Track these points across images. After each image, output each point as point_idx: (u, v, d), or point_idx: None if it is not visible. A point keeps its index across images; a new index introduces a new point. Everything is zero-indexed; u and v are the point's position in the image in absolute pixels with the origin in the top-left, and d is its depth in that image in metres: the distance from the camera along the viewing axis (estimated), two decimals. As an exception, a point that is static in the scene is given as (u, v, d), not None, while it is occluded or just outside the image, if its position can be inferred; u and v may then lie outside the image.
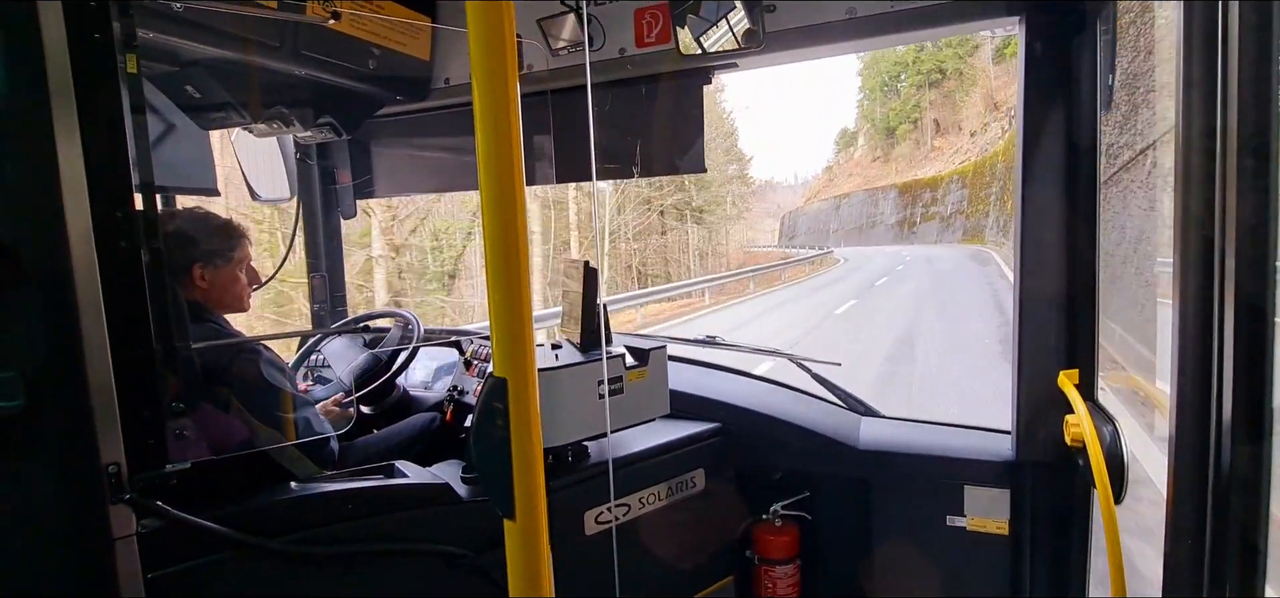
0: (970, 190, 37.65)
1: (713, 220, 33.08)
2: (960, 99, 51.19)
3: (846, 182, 64.97)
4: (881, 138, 60.24)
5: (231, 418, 1.47)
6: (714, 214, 33.13)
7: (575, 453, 1.62)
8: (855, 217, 55.76)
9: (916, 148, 54.73)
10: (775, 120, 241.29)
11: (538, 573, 0.67)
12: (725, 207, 35.67)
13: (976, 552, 1.71)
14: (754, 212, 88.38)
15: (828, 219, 61.56)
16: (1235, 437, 0.83)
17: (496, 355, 0.66)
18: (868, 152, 63.90)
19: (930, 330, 11.21)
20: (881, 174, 57.10)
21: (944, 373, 7.93)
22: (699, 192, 30.07)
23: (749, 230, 78.65)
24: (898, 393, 6.98)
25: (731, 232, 38.17)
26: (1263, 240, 0.82)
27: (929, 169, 47.86)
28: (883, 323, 12.18)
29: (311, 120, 2.04)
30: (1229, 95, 0.83)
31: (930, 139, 52.96)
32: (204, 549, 1.20)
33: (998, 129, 39.14)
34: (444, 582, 1.45)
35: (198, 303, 1.55)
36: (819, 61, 1.73)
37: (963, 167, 41.18)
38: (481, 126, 0.64)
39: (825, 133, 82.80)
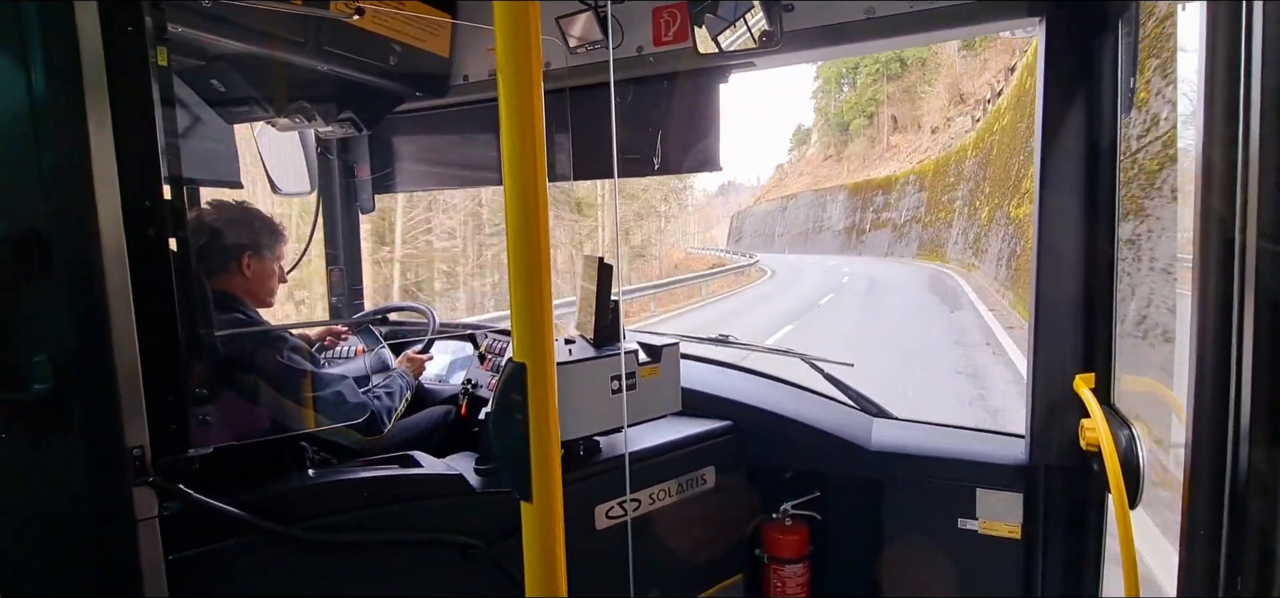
0: (929, 194, 30.62)
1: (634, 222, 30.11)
2: (921, 92, 44.83)
3: (796, 181, 59.33)
4: (835, 134, 54.25)
5: (262, 402, 1.51)
6: (643, 208, 30.44)
7: (587, 448, 1.63)
8: (802, 220, 49.59)
9: (871, 145, 48.47)
10: (738, 116, 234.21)
11: (553, 556, 0.69)
12: (656, 209, 33.25)
13: (988, 555, 1.70)
14: (716, 211, 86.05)
15: (774, 222, 56.49)
16: (1253, 439, 0.82)
17: (516, 341, 0.67)
18: (821, 150, 57.70)
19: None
20: (833, 174, 50.76)
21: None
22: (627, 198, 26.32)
23: (711, 230, 77.02)
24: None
25: (666, 234, 36.12)
26: None
27: (883, 169, 41.32)
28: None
29: (333, 115, 2.08)
30: (1252, 94, 0.83)
31: (886, 136, 46.68)
32: (224, 533, 1.23)
33: (965, 122, 32.08)
34: (458, 572, 1.47)
35: (230, 293, 1.59)
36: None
37: (921, 165, 33.99)
38: (506, 119, 0.66)
39: (787, 129, 75.81)
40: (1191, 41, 0.99)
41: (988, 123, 22.25)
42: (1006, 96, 23.13)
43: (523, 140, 0.65)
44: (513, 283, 0.67)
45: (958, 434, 1.84)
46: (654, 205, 33.19)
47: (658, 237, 34.49)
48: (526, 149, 0.65)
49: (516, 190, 0.66)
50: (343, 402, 1.61)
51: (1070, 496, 1.57)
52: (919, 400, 6.71)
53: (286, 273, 1.73)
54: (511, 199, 0.66)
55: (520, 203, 0.65)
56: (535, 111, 0.65)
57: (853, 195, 42.56)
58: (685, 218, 52.25)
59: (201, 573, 1.21)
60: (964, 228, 23.77)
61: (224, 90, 1.86)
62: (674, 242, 43.08)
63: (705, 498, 1.83)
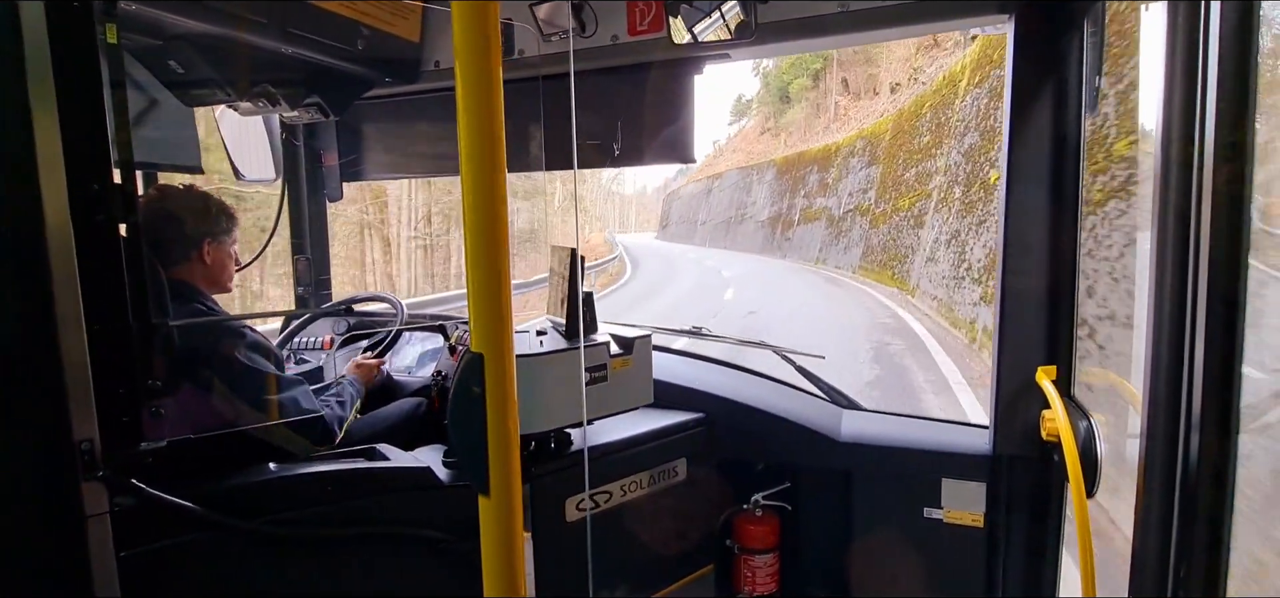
0: (883, 168, 18.98)
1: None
2: (878, 47, 28.40)
3: (729, 158, 47.64)
4: (775, 103, 41.97)
5: (214, 399, 1.46)
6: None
7: (558, 440, 1.62)
8: (725, 206, 40.26)
9: (815, 114, 35.71)
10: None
11: (512, 551, 0.67)
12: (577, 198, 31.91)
13: (952, 543, 1.73)
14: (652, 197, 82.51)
15: (697, 207, 47.98)
16: (1204, 429, 0.84)
17: (475, 332, 0.66)
18: (759, 122, 45.33)
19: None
20: (769, 150, 38.65)
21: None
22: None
23: (647, 217, 74.70)
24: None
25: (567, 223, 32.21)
26: (1237, 240, 0.84)
27: (827, 140, 29.08)
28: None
29: (298, 100, 2.02)
30: (1208, 95, 0.84)
31: (834, 102, 33.30)
32: (179, 529, 1.19)
33: (935, 70, 18.45)
34: (425, 567, 1.45)
35: (189, 283, 1.54)
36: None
37: (875, 126, 21.59)
38: (464, 103, 0.64)
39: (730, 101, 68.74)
40: (1153, 42, 1.01)
41: (982, 48, 12.84)
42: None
43: (481, 126, 0.64)
44: (470, 272, 0.65)
45: (925, 425, 1.87)
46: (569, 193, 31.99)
47: (560, 225, 31.41)
48: (485, 135, 0.63)
49: (474, 178, 0.64)
50: (298, 407, 1.56)
51: (1031, 485, 1.61)
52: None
53: (240, 259, 1.68)
54: (469, 187, 0.64)
55: (478, 191, 0.64)
56: (494, 96, 0.63)
57: (782, 175, 31.12)
58: (620, 204, 52.08)
59: (156, 570, 1.17)
60: (945, 227, 12.15)
61: (182, 72, 1.79)
62: (585, 232, 40.86)
63: (677, 490, 1.83)
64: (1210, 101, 0.84)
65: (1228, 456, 0.85)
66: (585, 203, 46.39)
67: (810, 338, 9.55)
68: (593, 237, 39.27)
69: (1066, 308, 1.50)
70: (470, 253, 0.65)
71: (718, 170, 46.38)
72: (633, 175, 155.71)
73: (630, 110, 1.94)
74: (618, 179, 68.59)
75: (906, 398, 6.69)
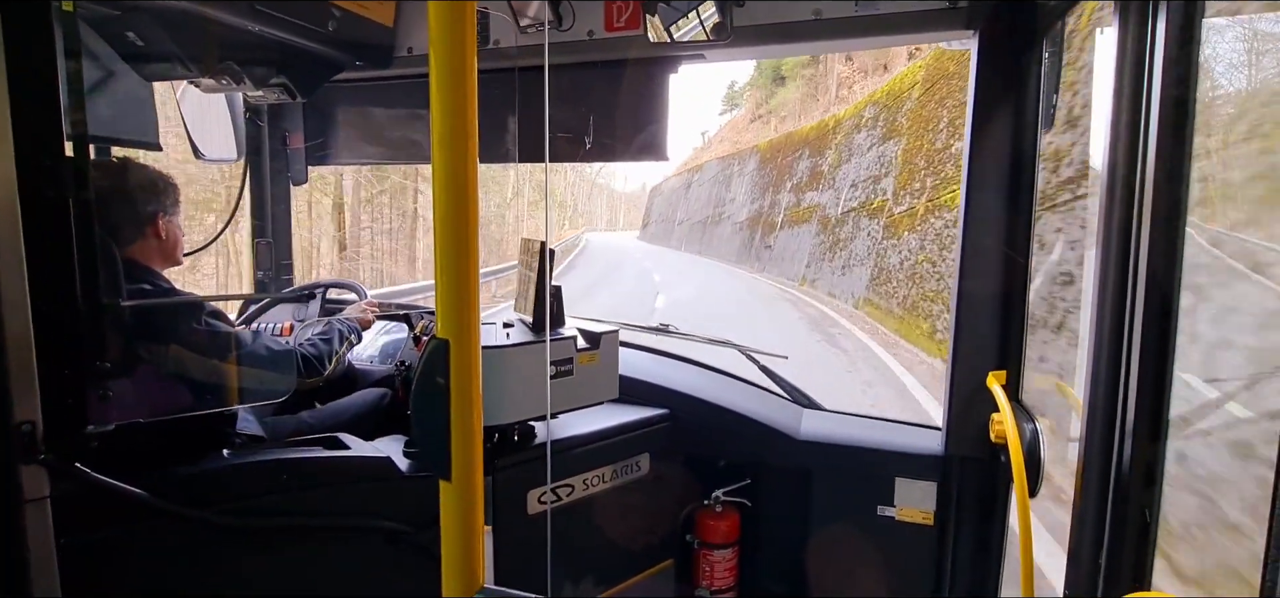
0: (909, 143, 12.61)
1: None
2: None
3: (714, 149, 41.59)
4: (766, 84, 35.48)
5: (183, 371, 1.42)
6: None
7: (521, 433, 1.62)
8: (703, 202, 34.93)
9: (813, 93, 27.85)
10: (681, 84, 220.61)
11: (472, 536, 0.68)
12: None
13: (904, 540, 1.79)
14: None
15: (676, 205, 42.38)
16: (1137, 433, 0.89)
17: (441, 317, 0.66)
18: (750, 108, 38.19)
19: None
20: (759, 137, 31.27)
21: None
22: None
23: (639, 214, 70.17)
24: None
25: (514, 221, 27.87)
26: (1173, 256, 0.89)
27: (821, 116, 22.22)
28: None
29: (264, 79, 1.96)
30: (1151, 119, 0.90)
31: (835, 82, 25.41)
32: (125, 517, 1.16)
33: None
34: (384, 559, 1.43)
35: (140, 262, 1.49)
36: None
37: (895, 82, 15.18)
38: (437, 89, 0.64)
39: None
40: (1103, 64, 1.07)
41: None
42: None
43: (454, 116, 0.64)
44: (439, 258, 0.65)
45: (882, 426, 1.93)
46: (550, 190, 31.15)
47: (528, 221, 28.01)
48: (457, 126, 0.64)
49: (446, 167, 0.64)
50: (268, 354, 1.57)
51: (980, 485, 1.67)
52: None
53: (198, 245, 1.65)
54: (440, 176, 0.64)
55: (449, 178, 0.64)
56: (467, 82, 0.63)
57: (766, 164, 24.99)
58: (610, 200, 51.23)
59: (99, 559, 1.13)
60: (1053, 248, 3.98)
61: (141, 44, 1.73)
62: (562, 229, 38.53)
63: (639, 485, 1.84)
64: (1153, 123, 0.89)
65: (1158, 459, 0.91)
66: (565, 198, 44.53)
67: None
68: (566, 232, 37.88)
69: (1017, 315, 1.56)
70: (439, 240, 0.65)
71: (698, 163, 41.16)
72: (626, 170, 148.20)
73: (604, 106, 1.95)
74: (602, 173, 64.56)
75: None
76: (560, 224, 41.82)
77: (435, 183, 0.65)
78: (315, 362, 1.69)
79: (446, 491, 0.67)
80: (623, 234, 65.55)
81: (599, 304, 13.31)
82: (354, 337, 1.85)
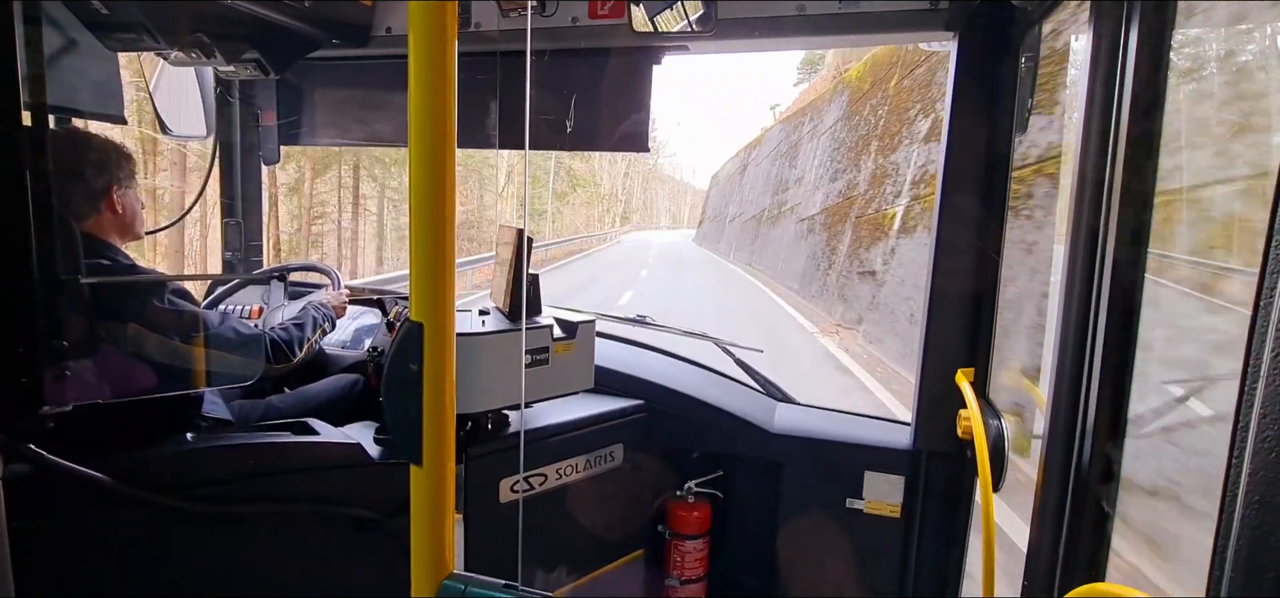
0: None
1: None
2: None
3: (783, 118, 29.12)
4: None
5: (145, 351, 1.38)
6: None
7: (495, 421, 1.61)
8: (760, 187, 25.30)
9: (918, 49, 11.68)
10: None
11: (442, 523, 0.67)
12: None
13: (871, 532, 1.82)
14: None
15: (730, 196, 33.31)
16: (1097, 432, 0.92)
17: (415, 300, 0.65)
18: (835, 67, 21.99)
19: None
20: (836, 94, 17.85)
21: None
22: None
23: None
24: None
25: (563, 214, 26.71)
26: (1137, 259, 0.92)
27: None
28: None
29: (235, 54, 1.91)
30: (1121, 126, 0.92)
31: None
32: (83, 501, 1.12)
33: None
34: (353, 546, 1.42)
35: (95, 236, 1.44)
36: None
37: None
38: (416, 68, 0.63)
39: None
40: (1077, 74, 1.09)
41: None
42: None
43: (433, 99, 0.63)
44: (414, 239, 0.64)
45: (853, 420, 1.96)
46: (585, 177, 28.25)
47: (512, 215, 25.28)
48: (436, 104, 0.62)
49: (423, 150, 0.63)
50: (237, 337, 1.53)
51: (946, 479, 1.71)
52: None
53: (169, 221, 1.60)
54: (417, 157, 0.63)
55: (427, 161, 0.63)
56: (447, 64, 0.62)
57: (860, 103, 15.01)
58: (675, 193, 48.44)
59: (56, 544, 1.10)
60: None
61: (107, 13, 1.67)
62: (604, 224, 38.01)
63: (613, 475, 1.85)
64: (1122, 136, 0.91)
65: (1116, 458, 0.94)
66: (614, 190, 41.59)
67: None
68: (604, 228, 33.68)
69: (987, 314, 1.59)
70: (415, 223, 0.64)
71: (764, 134, 30.10)
72: (696, 161, 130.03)
73: (586, 94, 1.94)
74: (669, 163, 56.61)
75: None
76: (604, 218, 38.57)
77: (412, 166, 0.64)
78: (285, 347, 1.66)
79: (417, 476, 0.66)
80: (676, 234, 56.96)
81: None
82: (327, 323, 1.82)
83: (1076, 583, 0.92)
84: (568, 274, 17.79)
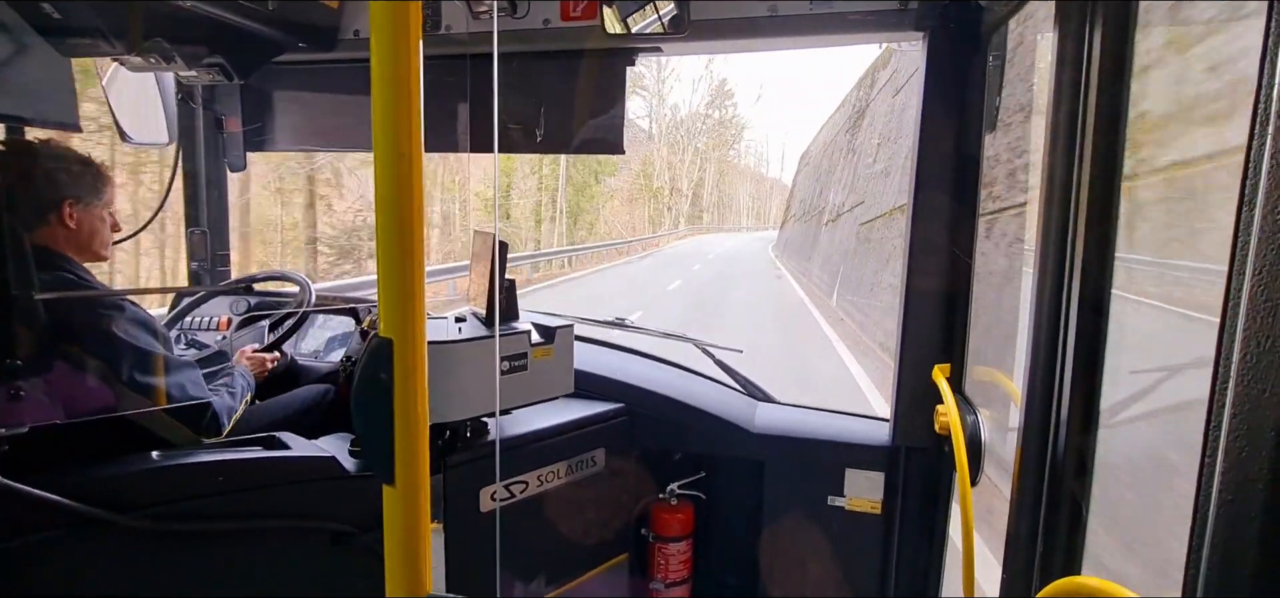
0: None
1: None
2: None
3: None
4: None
5: (89, 378, 1.32)
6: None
7: (474, 429, 1.58)
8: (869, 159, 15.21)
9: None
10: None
11: (417, 542, 0.65)
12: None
13: (852, 529, 1.84)
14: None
15: (824, 176, 24.20)
16: (1071, 425, 0.93)
17: (383, 314, 0.63)
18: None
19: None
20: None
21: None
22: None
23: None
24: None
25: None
26: (1106, 253, 0.93)
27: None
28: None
29: (198, 59, 1.85)
30: (1088, 121, 0.93)
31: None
32: (41, 524, 1.07)
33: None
34: (328, 561, 1.38)
35: (49, 248, 1.38)
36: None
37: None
38: (378, 70, 0.61)
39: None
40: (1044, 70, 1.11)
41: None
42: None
43: (396, 100, 0.61)
44: (381, 251, 0.62)
45: (833, 418, 1.97)
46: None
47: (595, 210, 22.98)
48: (400, 107, 0.60)
49: (388, 154, 0.61)
50: (185, 395, 1.43)
51: (924, 474, 1.73)
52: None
53: (121, 225, 1.52)
54: (382, 164, 0.61)
55: (392, 164, 0.61)
56: (411, 65, 0.60)
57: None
58: (755, 187, 38.70)
59: (21, 568, 1.05)
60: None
61: (58, 17, 1.60)
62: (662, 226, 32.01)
63: (595, 480, 1.83)
64: (1088, 134, 0.93)
65: (1089, 450, 0.95)
66: (679, 186, 35.49)
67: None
68: (654, 229, 25.93)
69: (962, 310, 1.61)
70: (381, 233, 0.62)
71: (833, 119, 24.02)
72: (784, 152, 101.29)
73: (559, 96, 1.92)
74: (748, 152, 43.17)
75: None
76: (662, 218, 31.55)
77: (377, 173, 0.62)
78: (223, 416, 1.52)
79: (390, 495, 0.64)
80: (749, 238, 46.50)
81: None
82: (251, 393, 1.71)
83: (1053, 576, 0.93)
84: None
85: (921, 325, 1.65)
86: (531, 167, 21.09)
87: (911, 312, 1.66)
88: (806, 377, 7.86)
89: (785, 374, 7.65)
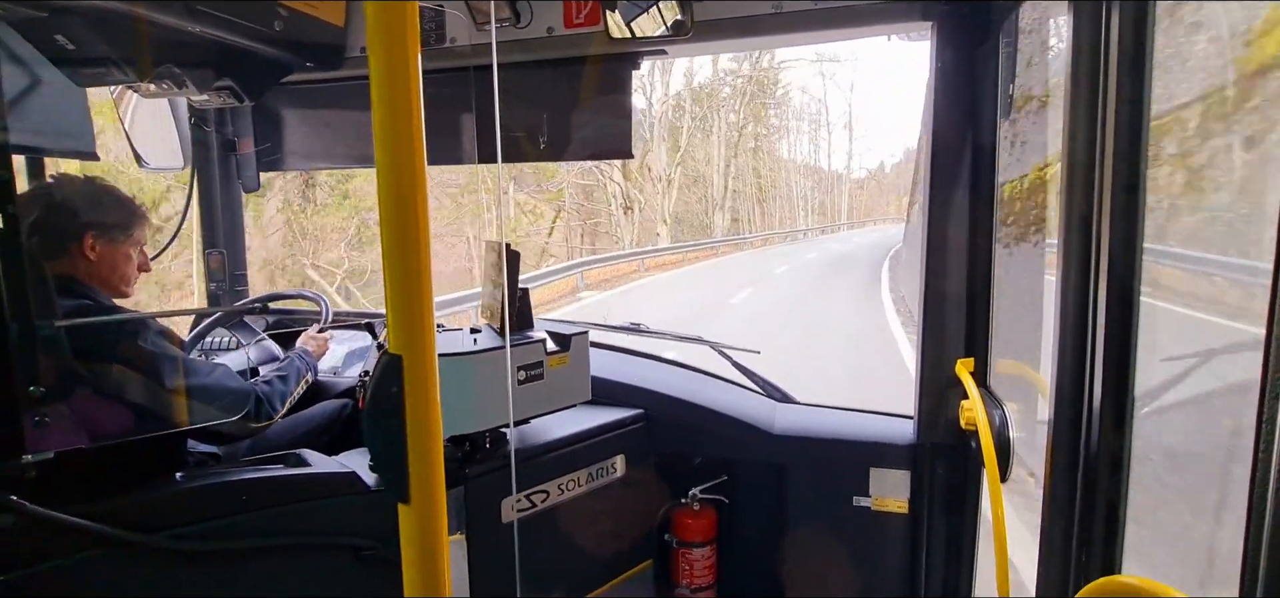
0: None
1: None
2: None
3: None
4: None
5: (125, 395, 1.34)
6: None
7: (493, 440, 1.58)
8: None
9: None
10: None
11: (435, 561, 0.64)
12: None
13: (879, 530, 1.80)
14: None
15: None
16: (1103, 420, 0.90)
17: (392, 332, 0.62)
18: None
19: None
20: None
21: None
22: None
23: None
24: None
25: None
26: (1132, 244, 0.90)
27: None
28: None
29: (208, 83, 1.88)
30: (1108, 108, 0.90)
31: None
32: (71, 548, 1.09)
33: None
34: (351, 576, 1.38)
35: (72, 276, 1.40)
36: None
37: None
38: (377, 85, 0.60)
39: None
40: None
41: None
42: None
43: (397, 115, 0.60)
44: (387, 269, 0.61)
45: (854, 417, 1.94)
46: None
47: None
48: (402, 122, 0.60)
49: (391, 170, 0.60)
50: (223, 389, 1.48)
51: (951, 471, 1.69)
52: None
53: (149, 265, 1.54)
54: (385, 180, 0.61)
55: (395, 183, 0.60)
56: (410, 79, 0.60)
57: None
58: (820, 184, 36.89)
59: (44, 592, 1.07)
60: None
61: (73, 47, 1.63)
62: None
63: (615, 487, 1.82)
64: (1109, 115, 0.90)
65: (1124, 444, 0.92)
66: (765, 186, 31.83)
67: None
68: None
69: (983, 303, 1.58)
70: (387, 250, 0.61)
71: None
72: (890, 149, 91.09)
73: (566, 104, 1.92)
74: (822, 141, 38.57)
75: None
76: (731, 222, 29.12)
77: (380, 188, 0.61)
78: (267, 402, 1.58)
79: (406, 514, 0.64)
80: (846, 247, 33.17)
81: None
82: (310, 374, 1.77)
83: (1092, 575, 0.90)
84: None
85: (941, 321, 1.62)
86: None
87: (930, 307, 1.63)
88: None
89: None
